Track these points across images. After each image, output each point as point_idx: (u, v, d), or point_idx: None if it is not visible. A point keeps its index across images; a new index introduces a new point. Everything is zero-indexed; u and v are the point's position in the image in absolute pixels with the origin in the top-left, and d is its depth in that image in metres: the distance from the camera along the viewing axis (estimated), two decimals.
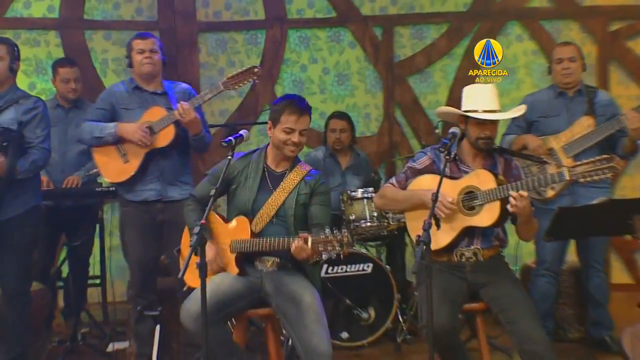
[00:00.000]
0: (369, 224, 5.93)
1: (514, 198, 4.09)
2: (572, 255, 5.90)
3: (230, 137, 4.38)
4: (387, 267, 5.96)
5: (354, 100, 7.84)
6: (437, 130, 6.64)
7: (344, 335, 5.77)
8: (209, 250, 4.40)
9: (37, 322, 5.62)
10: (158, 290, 5.53)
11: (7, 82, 5.18)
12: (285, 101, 4.55)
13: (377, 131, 7.90)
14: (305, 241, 4.09)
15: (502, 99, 7.45)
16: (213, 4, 7.91)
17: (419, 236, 3.86)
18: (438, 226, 3.98)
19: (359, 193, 6.01)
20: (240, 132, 4.46)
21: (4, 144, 4.96)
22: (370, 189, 6.08)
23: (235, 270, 4.39)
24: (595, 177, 4.14)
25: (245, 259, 4.44)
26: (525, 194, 4.12)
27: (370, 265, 5.84)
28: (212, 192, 4.24)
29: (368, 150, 7.25)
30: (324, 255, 4.14)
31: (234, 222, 4.44)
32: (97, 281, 6.69)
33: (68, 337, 6.01)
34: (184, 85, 5.72)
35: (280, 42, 7.94)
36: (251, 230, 4.40)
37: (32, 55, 7.45)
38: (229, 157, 4.41)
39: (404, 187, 4.58)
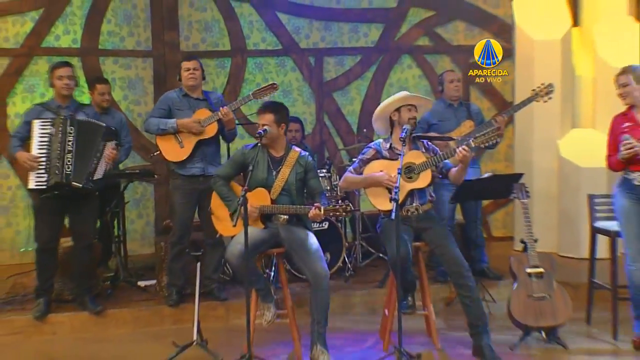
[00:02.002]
0: None
1: (462, 151, 4.51)
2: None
3: (260, 131, 4.70)
4: (339, 224, 6.33)
5: (294, 109, 7.86)
6: (364, 130, 7.08)
7: None
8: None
9: (93, 267, 5.86)
10: (191, 240, 5.75)
11: (71, 97, 5.50)
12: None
13: (311, 131, 8.14)
14: (320, 209, 4.55)
15: None
16: (192, 39, 8.05)
17: (391, 197, 4.34)
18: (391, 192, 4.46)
19: None
20: (265, 127, 4.73)
21: (116, 142, 5.34)
22: (324, 170, 6.45)
23: (261, 225, 4.76)
24: (492, 142, 4.59)
25: (265, 216, 4.79)
26: (468, 149, 4.53)
27: (327, 223, 6.22)
28: (250, 168, 4.55)
29: None
30: (333, 219, 4.79)
31: (255, 192, 4.71)
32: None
33: (109, 278, 6.26)
34: (218, 94, 6.03)
35: (242, 66, 8.11)
36: (271, 198, 4.77)
37: (48, 75, 7.48)
38: (260, 144, 4.71)
39: (359, 172, 4.89)
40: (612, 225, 5.04)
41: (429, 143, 5.00)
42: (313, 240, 4.77)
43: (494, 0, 8.33)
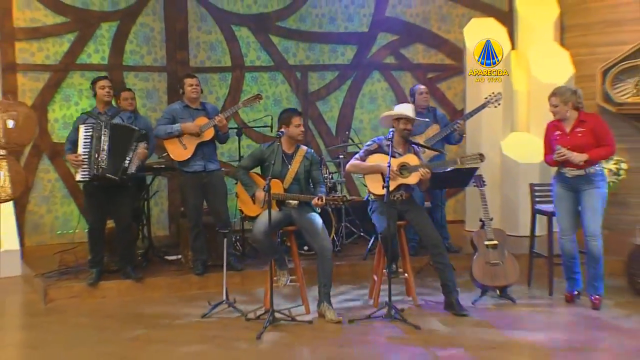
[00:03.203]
0: None
1: (423, 174, 4.98)
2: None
3: (279, 132, 5.02)
4: (329, 209, 6.43)
5: None
6: (347, 132, 7.45)
7: (305, 248, 6.25)
8: (260, 193, 5.05)
9: (132, 244, 6.16)
10: (204, 223, 6.01)
11: (110, 103, 5.83)
12: (290, 112, 5.21)
13: None
14: (322, 199, 4.92)
15: (369, 116, 8.61)
16: (199, 56, 8.22)
17: (383, 184, 4.76)
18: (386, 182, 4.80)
19: None
20: (282, 129, 5.04)
21: (146, 142, 5.65)
22: None
23: (277, 208, 5.09)
24: (474, 164, 5.05)
25: (280, 201, 5.10)
26: (429, 172, 4.99)
27: (320, 208, 6.22)
28: (273, 162, 4.91)
29: None
30: (332, 206, 5.12)
31: (271, 182, 4.86)
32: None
33: (141, 254, 6.49)
34: (212, 104, 6.30)
35: (240, 80, 8.30)
36: (283, 187, 5.11)
37: (91, 87, 7.64)
38: (278, 143, 5.05)
39: (364, 160, 5.19)
40: (549, 207, 5.51)
41: (417, 148, 5.34)
42: (319, 220, 5.12)
43: (447, 28, 8.75)
